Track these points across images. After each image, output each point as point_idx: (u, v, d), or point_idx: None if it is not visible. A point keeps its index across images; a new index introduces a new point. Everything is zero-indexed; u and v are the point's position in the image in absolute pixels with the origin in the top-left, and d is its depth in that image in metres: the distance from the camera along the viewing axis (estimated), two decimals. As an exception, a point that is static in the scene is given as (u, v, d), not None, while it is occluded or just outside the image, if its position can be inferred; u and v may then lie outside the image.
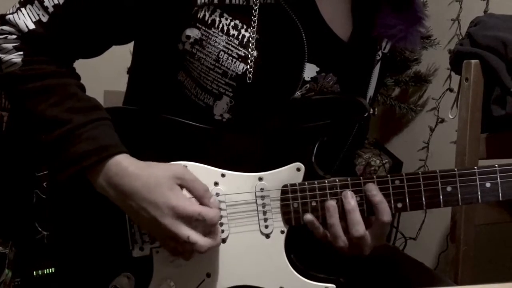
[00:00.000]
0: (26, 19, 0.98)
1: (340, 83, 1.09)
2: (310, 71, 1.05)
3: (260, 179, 1.01)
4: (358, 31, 1.10)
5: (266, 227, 1.01)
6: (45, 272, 1.03)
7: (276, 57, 1.01)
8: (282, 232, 1.01)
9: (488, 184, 0.98)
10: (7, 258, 1.07)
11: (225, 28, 0.99)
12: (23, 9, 0.99)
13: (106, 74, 2.25)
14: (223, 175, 1.01)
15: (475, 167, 0.99)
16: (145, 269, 1.01)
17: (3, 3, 1.17)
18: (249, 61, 0.99)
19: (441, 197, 0.99)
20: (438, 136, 2.34)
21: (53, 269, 1.03)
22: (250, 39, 0.99)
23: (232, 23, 0.99)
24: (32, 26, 0.98)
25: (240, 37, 0.99)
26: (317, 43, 1.04)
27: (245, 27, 0.99)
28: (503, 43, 1.50)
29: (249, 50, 0.99)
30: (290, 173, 1.01)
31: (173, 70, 1.04)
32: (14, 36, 0.99)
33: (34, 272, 1.03)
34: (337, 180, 1.00)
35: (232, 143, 1.03)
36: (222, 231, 1.01)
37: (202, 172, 1.00)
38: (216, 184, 1.01)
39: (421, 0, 1.18)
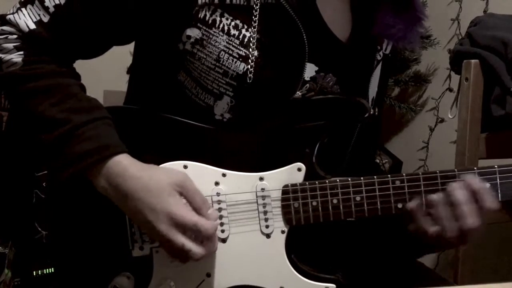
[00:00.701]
0: (26, 19, 0.98)
1: (340, 84, 1.09)
2: (309, 70, 1.05)
3: (261, 179, 1.01)
4: (357, 32, 1.10)
5: (267, 227, 1.01)
6: (45, 272, 1.03)
7: (276, 56, 1.01)
8: (282, 232, 1.01)
9: (487, 185, 0.98)
10: (6, 258, 1.07)
11: (226, 28, 0.99)
12: (23, 9, 0.99)
13: (106, 74, 2.24)
14: (224, 175, 1.01)
15: (475, 168, 0.99)
16: (145, 269, 1.01)
17: (3, 3, 1.17)
18: (249, 60, 0.99)
19: (441, 197, 0.99)
20: (438, 136, 2.34)
21: (52, 268, 1.03)
22: (251, 39, 0.99)
23: (232, 23, 0.99)
24: (33, 26, 0.98)
25: (240, 37, 0.99)
26: (316, 43, 1.03)
27: (245, 27, 0.99)
28: (503, 43, 1.50)
29: (250, 49, 0.99)
30: (291, 173, 1.01)
31: (174, 70, 1.03)
32: (15, 36, 0.99)
33: (34, 272, 1.02)
34: (338, 180, 1.00)
35: (232, 143, 1.02)
36: (223, 231, 1.01)
37: (203, 172, 1.00)
38: (216, 183, 1.01)
39: (420, 0, 1.18)
